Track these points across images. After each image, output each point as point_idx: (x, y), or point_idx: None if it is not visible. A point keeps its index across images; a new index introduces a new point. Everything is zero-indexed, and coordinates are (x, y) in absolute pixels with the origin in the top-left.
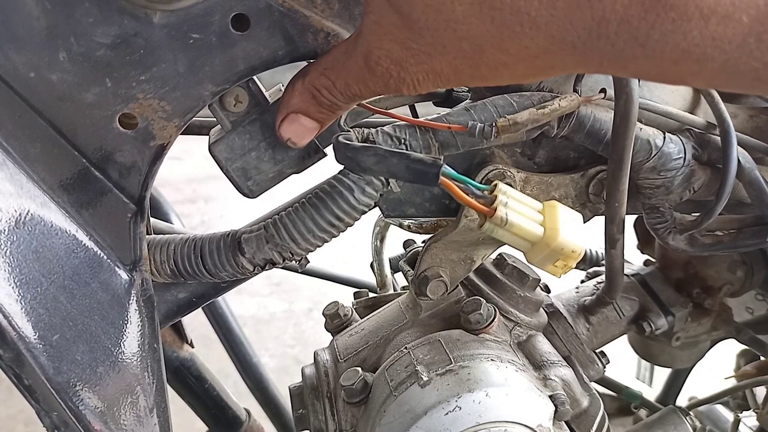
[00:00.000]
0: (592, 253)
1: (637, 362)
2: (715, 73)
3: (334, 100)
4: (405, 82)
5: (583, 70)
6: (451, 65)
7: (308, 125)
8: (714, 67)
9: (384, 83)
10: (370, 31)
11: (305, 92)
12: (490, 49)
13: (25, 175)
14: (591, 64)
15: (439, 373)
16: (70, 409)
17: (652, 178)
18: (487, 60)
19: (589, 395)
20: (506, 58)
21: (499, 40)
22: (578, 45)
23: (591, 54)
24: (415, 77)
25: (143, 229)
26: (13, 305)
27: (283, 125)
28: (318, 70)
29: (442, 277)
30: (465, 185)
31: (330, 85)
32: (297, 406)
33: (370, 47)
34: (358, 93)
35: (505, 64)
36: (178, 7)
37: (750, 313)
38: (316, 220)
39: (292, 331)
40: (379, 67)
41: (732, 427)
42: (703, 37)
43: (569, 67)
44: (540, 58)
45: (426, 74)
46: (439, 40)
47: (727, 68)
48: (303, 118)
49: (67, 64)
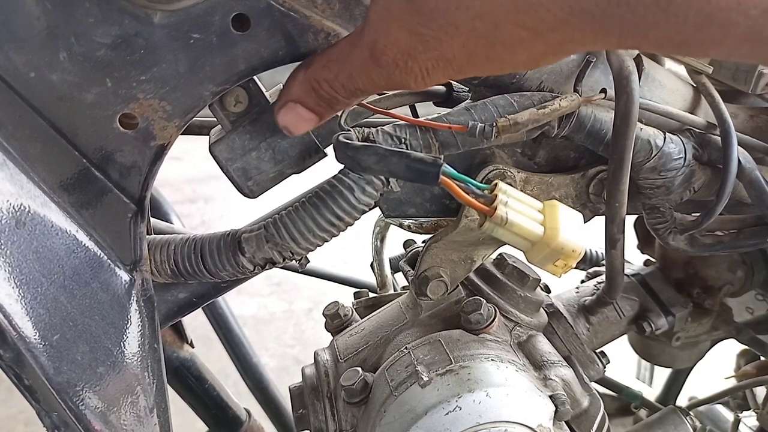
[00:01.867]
0: (593, 253)
1: (637, 362)
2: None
3: (334, 93)
4: (413, 73)
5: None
6: (464, 48)
7: (305, 116)
8: (738, 33)
9: (388, 75)
10: (379, 17)
11: (306, 83)
12: (505, 25)
13: (25, 175)
14: (611, 34)
15: (439, 373)
16: (71, 409)
17: (653, 178)
18: (503, 38)
19: (590, 395)
20: (523, 33)
21: (515, 14)
22: (597, 14)
23: (610, 23)
24: (424, 66)
25: (143, 229)
26: (14, 305)
27: (281, 112)
28: (321, 61)
29: (443, 277)
30: (465, 184)
31: (332, 78)
32: (297, 406)
33: (376, 36)
34: (361, 86)
35: (521, 41)
36: (179, 7)
37: (750, 313)
38: (316, 219)
39: (292, 331)
40: (384, 57)
41: (732, 427)
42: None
43: (588, 41)
44: (557, 30)
45: (436, 62)
46: (450, 21)
47: (752, 35)
48: (301, 108)
49: (68, 64)
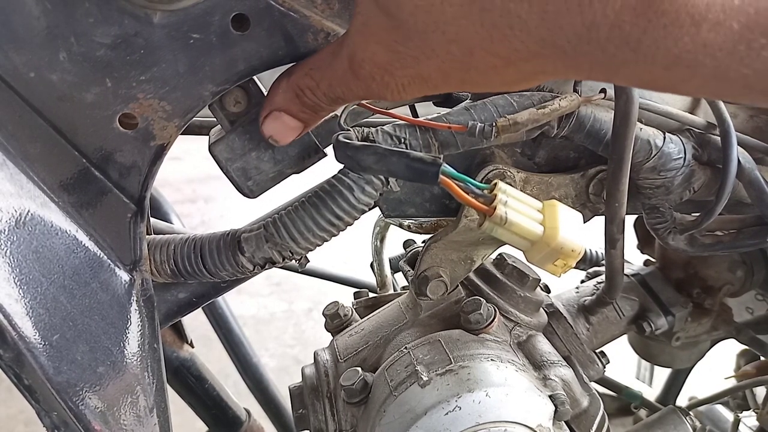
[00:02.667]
0: (592, 253)
1: (637, 362)
2: (706, 80)
3: (316, 101)
4: (389, 87)
5: (573, 75)
6: (439, 69)
7: (291, 124)
8: (705, 73)
9: (366, 87)
10: (358, 32)
11: (289, 90)
12: (480, 52)
13: (25, 176)
14: (581, 69)
15: (439, 373)
16: (70, 409)
17: (652, 178)
18: (476, 63)
19: (589, 395)
20: (496, 61)
21: (489, 43)
22: (568, 50)
23: (581, 59)
24: (400, 82)
25: (143, 229)
26: (14, 305)
27: (266, 122)
28: (303, 69)
29: (442, 277)
30: (465, 184)
31: (314, 86)
32: (297, 406)
33: (355, 49)
34: (341, 96)
35: (494, 67)
36: (179, 7)
37: (750, 313)
38: (315, 219)
39: (292, 331)
40: (362, 70)
41: (732, 427)
42: (694, 43)
43: (560, 72)
44: (530, 62)
45: (412, 79)
46: (427, 42)
47: (718, 75)
48: (286, 117)
49: (68, 64)
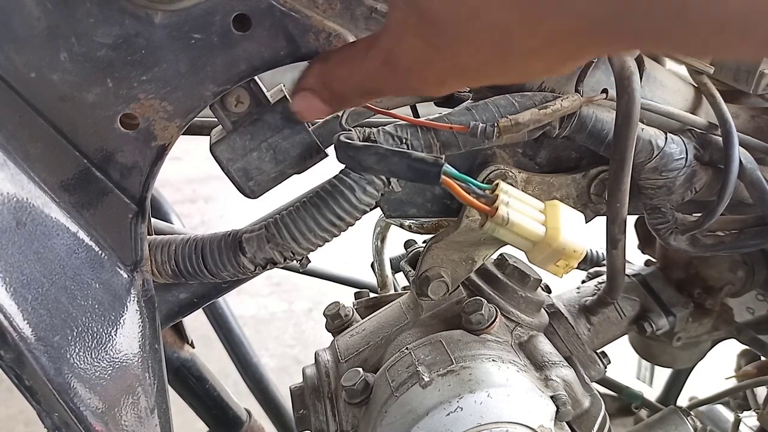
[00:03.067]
0: (594, 254)
1: (638, 362)
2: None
3: (346, 91)
4: (428, 81)
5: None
6: (477, 58)
7: (318, 106)
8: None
9: (404, 81)
10: (396, 26)
11: (321, 76)
12: (519, 34)
13: (26, 176)
14: (625, 40)
15: (440, 373)
16: (71, 409)
17: (654, 179)
18: (516, 47)
19: (591, 395)
20: (536, 43)
21: (527, 23)
22: (611, 22)
23: (625, 30)
24: (440, 75)
25: (144, 230)
26: (14, 306)
27: (296, 98)
28: (338, 58)
29: (444, 277)
30: (466, 185)
31: (346, 77)
32: (298, 406)
33: (391, 44)
34: (374, 90)
35: (535, 51)
36: (180, 8)
37: (751, 313)
38: (317, 219)
39: (292, 331)
40: (399, 64)
41: (732, 427)
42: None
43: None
44: (572, 39)
45: (451, 71)
46: (463, 31)
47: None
48: (314, 99)
49: (68, 64)
